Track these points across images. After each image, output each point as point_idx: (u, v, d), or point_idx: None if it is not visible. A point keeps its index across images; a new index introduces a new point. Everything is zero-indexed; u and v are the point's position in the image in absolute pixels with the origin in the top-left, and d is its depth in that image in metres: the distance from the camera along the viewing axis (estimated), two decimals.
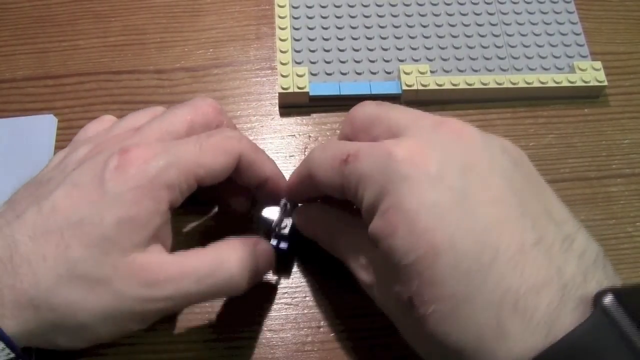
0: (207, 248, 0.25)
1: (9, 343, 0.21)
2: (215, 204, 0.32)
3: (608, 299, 0.17)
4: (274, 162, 0.27)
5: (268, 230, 0.28)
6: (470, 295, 0.19)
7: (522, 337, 0.18)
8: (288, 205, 0.28)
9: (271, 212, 0.28)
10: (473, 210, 0.20)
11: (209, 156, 0.24)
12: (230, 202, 0.29)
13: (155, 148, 0.24)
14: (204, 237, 0.30)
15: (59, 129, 0.34)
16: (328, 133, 0.34)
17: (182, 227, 0.31)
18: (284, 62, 0.35)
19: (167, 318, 0.28)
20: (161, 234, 0.24)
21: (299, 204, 0.29)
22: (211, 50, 0.37)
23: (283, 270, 0.30)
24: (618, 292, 0.18)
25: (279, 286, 0.30)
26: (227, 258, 0.24)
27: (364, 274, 0.24)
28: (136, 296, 0.22)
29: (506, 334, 0.18)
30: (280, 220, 0.28)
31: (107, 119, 0.29)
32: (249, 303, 0.29)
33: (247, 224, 0.30)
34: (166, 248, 0.24)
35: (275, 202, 0.28)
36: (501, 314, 0.18)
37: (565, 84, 0.35)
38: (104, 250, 0.22)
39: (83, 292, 0.22)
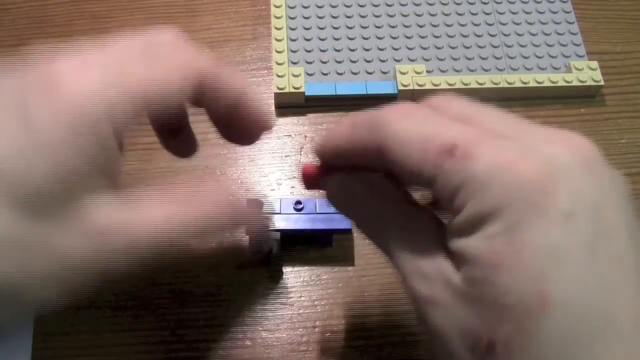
0: (167, 192, 0.21)
1: None
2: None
3: None
4: (246, 78, 0.24)
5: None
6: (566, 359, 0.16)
7: None
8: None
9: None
10: (596, 266, 0.17)
11: (160, 71, 0.19)
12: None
13: (87, 62, 0.19)
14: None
15: None
16: (324, 133, 0.34)
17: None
18: (280, 62, 0.35)
19: (162, 319, 0.28)
20: (107, 171, 0.19)
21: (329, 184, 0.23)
22: (207, 50, 0.37)
23: (278, 270, 0.30)
24: None
25: (274, 287, 0.30)
26: (190, 208, 0.21)
27: (423, 286, 0.19)
28: (83, 248, 0.19)
29: None
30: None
31: None
32: (245, 303, 0.29)
33: None
34: (113, 185, 0.20)
35: (250, 132, 0.24)
36: None
37: (561, 83, 0.35)
38: (40, 206, 0.18)
39: (18, 258, 0.18)
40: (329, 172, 0.23)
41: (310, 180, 0.23)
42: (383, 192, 0.21)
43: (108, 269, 0.19)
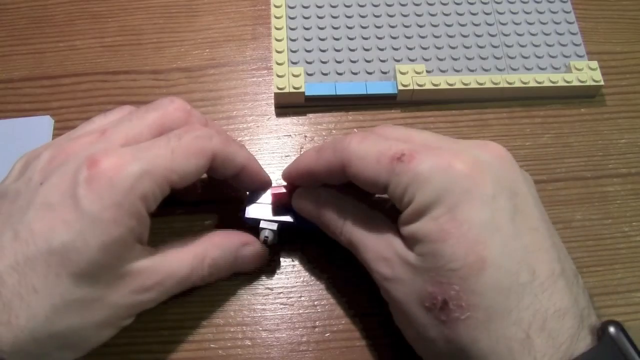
0: (188, 245, 0.26)
1: None
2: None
3: (613, 329, 0.21)
4: (246, 149, 0.27)
5: (255, 226, 0.28)
6: (506, 309, 0.21)
7: (547, 353, 0.20)
8: (269, 238, 0.28)
9: (254, 211, 0.28)
10: (518, 234, 0.22)
11: (181, 160, 0.23)
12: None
13: (124, 156, 0.23)
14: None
15: (55, 129, 0.34)
16: (324, 133, 0.34)
17: (174, 224, 0.31)
18: (280, 62, 0.35)
19: (162, 319, 0.28)
20: (142, 236, 0.24)
21: (295, 195, 0.28)
22: (207, 50, 0.37)
23: (278, 270, 0.30)
24: (618, 324, 0.21)
25: (274, 286, 0.30)
26: (206, 256, 0.26)
27: (385, 268, 0.23)
28: (129, 303, 0.24)
29: (533, 348, 0.20)
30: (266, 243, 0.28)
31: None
32: (245, 303, 0.29)
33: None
34: (145, 244, 0.24)
35: (251, 188, 0.29)
36: (530, 330, 0.20)
37: (561, 83, 0.35)
38: (95, 274, 0.22)
39: (80, 313, 0.22)
40: None
41: (280, 199, 0.28)
42: (343, 197, 0.26)
43: (144, 308, 0.25)
